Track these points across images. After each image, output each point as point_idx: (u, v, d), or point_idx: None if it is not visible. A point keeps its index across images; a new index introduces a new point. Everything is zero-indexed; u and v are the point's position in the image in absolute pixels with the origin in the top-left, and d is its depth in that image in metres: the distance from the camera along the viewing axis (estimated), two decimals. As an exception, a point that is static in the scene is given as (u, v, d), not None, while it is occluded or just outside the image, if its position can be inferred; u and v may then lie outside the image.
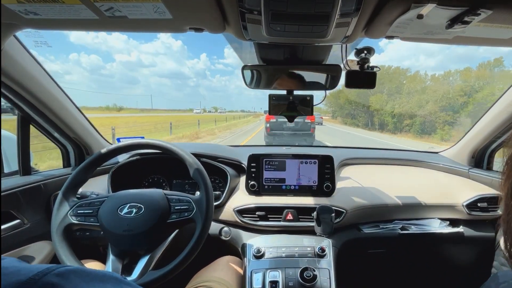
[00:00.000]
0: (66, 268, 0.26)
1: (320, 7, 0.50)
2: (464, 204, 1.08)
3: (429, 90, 23.31)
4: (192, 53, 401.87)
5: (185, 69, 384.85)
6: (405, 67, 43.22)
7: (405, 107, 23.77)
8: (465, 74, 23.41)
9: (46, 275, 0.24)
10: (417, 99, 23.58)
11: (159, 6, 0.53)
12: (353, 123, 30.49)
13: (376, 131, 23.92)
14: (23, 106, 0.91)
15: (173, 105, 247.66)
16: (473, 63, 61.25)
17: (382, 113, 25.51)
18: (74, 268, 0.27)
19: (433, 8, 0.50)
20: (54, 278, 0.24)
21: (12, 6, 0.54)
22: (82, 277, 0.26)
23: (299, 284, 0.81)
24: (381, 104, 26.96)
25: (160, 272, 0.67)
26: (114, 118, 22.99)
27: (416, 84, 26.78)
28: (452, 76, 25.29)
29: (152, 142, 0.83)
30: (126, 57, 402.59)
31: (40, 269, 0.24)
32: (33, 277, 0.23)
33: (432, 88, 23.80)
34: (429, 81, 27.61)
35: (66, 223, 0.73)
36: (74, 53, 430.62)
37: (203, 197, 0.75)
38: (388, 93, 27.94)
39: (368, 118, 28.38)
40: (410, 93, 25.84)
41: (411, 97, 24.92)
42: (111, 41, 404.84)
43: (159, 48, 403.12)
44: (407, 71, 31.03)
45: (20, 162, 0.97)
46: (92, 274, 0.28)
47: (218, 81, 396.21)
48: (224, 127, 17.90)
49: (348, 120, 32.05)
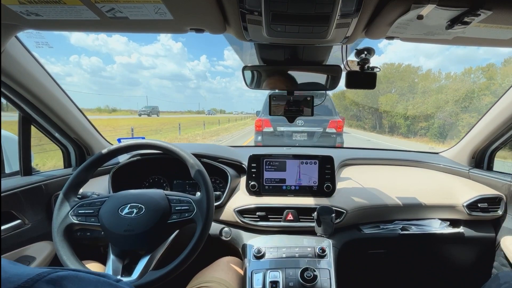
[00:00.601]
0: (57, 274, 0.24)
1: (320, 8, 0.50)
2: (464, 205, 1.08)
3: (449, 89, 20.17)
4: (192, 54, 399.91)
5: (186, 71, 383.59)
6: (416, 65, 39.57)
7: (420, 108, 21.04)
8: (489, 71, 19.95)
9: (37, 282, 0.22)
10: (434, 99, 20.73)
11: (160, 7, 0.53)
12: (358, 125, 28.01)
13: (385, 134, 21.84)
14: (24, 107, 0.92)
15: (173, 107, 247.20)
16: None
17: (393, 115, 22.78)
18: (67, 273, 0.25)
19: (433, 9, 0.50)
20: (45, 286, 0.22)
21: (13, 7, 0.55)
22: (75, 284, 0.25)
23: (299, 284, 0.81)
24: (392, 104, 24.06)
25: (160, 272, 0.67)
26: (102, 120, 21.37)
27: (431, 83, 23.68)
28: (474, 73, 21.48)
29: (153, 142, 0.84)
30: (126, 59, 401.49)
31: (30, 276, 0.23)
32: (22, 285, 0.22)
33: (452, 86, 20.52)
34: (444, 79, 24.29)
35: (67, 223, 0.73)
36: (75, 55, 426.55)
37: (204, 198, 0.75)
38: (400, 93, 25.17)
39: (376, 120, 26.25)
40: (425, 92, 22.83)
41: (427, 96, 21.97)
42: (112, 43, 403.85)
43: (159, 50, 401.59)
44: (418, 69, 27.61)
45: (21, 163, 0.98)
46: (86, 280, 0.27)
47: (219, 82, 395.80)
48: (213, 132, 14.65)
49: (353, 122, 29.76)
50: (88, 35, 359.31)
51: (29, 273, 0.23)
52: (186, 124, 19.29)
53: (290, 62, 0.88)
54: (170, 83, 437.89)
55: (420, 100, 22.15)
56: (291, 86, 0.91)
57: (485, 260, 1.15)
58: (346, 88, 0.87)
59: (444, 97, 19.94)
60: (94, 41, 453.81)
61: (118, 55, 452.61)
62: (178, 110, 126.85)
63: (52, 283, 0.23)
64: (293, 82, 0.91)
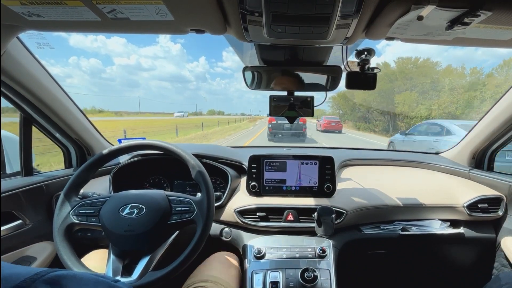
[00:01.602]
0: (55, 274, 0.24)
1: (320, 9, 0.50)
2: (464, 205, 1.08)
3: (488, 85, 16.99)
4: (191, 56, 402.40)
5: (186, 72, 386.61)
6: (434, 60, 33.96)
7: (448, 108, 18.24)
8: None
9: (35, 281, 0.22)
10: (466, 97, 17.69)
11: (161, 8, 0.54)
12: (367, 127, 24.98)
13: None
14: (25, 107, 0.92)
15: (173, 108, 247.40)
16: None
17: (413, 116, 19.81)
18: (65, 273, 0.25)
19: (433, 10, 0.50)
20: (43, 286, 0.22)
21: (15, 8, 0.55)
22: (73, 283, 0.25)
23: (299, 284, 0.81)
24: (411, 104, 20.87)
25: (160, 273, 0.68)
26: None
27: (459, 78, 20.16)
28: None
29: (154, 143, 0.84)
30: (125, 61, 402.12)
31: (28, 275, 0.22)
32: (20, 284, 0.21)
33: (492, 82, 17.32)
34: (468, 76, 20.69)
35: (67, 222, 0.74)
36: (73, 56, 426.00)
37: (204, 199, 0.75)
38: (421, 91, 21.70)
39: (389, 122, 22.95)
40: (454, 89, 19.29)
41: (456, 95, 18.73)
42: (111, 44, 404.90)
43: (159, 51, 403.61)
44: (436, 64, 23.86)
45: (22, 163, 0.98)
46: (84, 280, 0.27)
47: (218, 84, 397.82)
48: (199, 136, 12.79)
49: (361, 124, 26.50)
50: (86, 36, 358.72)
51: (27, 272, 0.23)
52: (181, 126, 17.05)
53: (290, 63, 0.88)
54: (169, 85, 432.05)
55: (448, 99, 19.18)
56: (292, 87, 0.91)
57: (486, 261, 1.15)
58: (346, 88, 0.88)
59: (479, 95, 17.00)
60: (93, 43, 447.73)
61: (117, 56, 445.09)
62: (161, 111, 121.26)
63: (50, 283, 0.23)
64: (294, 83, 0.91)
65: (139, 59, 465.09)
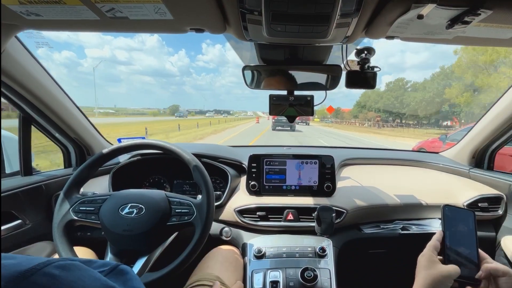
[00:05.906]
0: (66, 262, 0.26)
1: (320, 8, 0.50)
2: (464, 204, 1.07)
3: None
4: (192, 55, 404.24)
5: (169, 67, 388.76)
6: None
7: None
8: None
9: (47, 266, 0.24)
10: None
11: (160, 7, 0.53)
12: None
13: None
14: (24, 107, 0.92)
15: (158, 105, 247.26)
16: None
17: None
18: (76, 263, 0.26)
19: (433, 8, 0.50)
20: (55, 269, 0.24)
21: (13, 7, 0.55)
22: (82, 271, 0.26)
23: (299, 284, 0.81)
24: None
25: (156, 275, 0.67)
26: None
27: None
28: None
29: (154, 142, 0.84)
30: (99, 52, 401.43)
31: (41, 261, 0.24)
32: (34, 267, 0.23)
33: None
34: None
35: (67, 219, 0.74)
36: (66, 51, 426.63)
37: (204, 202, 0.74)
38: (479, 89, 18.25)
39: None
40: None
41: None
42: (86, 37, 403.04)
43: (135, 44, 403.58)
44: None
45: (21, 163, 0.98)
46: (91, 269, 0.28)
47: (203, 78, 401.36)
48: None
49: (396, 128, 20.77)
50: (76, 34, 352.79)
51: (39, 259, 0.24)
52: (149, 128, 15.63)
53: (290, 62, 0.87)
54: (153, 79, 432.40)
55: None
56: (291, 86, 0.91)
57: None
58: (346, 88, 0.87)
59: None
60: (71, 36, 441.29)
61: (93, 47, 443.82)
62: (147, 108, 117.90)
63: (61, 268, 0.24)
64: (293, 82, 0.91)
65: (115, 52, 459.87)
